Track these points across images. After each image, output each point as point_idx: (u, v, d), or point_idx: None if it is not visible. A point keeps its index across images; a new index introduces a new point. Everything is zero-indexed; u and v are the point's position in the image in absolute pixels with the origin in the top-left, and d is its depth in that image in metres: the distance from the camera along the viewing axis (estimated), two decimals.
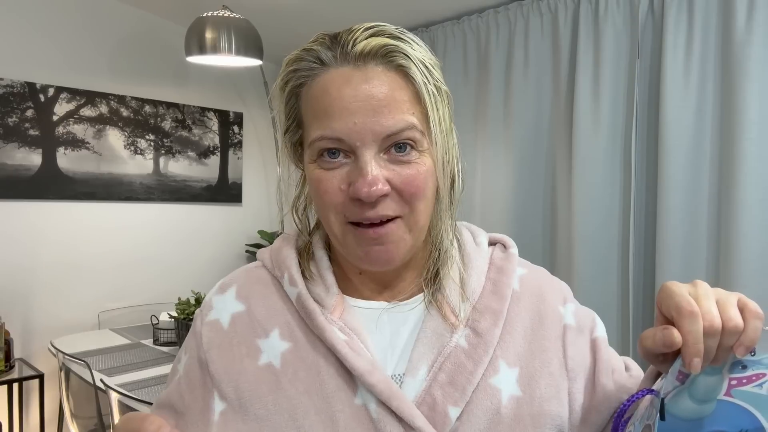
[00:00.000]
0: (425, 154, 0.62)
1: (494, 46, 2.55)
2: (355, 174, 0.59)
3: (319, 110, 0.60)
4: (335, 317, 0.65)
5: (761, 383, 0.53)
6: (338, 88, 0.60)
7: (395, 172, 0.60)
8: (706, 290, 0.52)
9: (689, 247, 1.99)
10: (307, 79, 0.62)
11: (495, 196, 2.56)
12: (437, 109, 0.62)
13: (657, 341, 0.52)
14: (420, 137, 0.61)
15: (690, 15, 1.97)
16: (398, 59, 0.60)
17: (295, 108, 0.64)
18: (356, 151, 0.59)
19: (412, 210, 0.61)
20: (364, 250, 0.62)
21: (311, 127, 0.62)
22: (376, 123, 0.58)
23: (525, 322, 0.67)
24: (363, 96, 0.59)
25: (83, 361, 2.15)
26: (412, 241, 0.63)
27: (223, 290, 0.72)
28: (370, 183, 0.58)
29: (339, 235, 0.63)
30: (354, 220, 0.61)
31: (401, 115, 0.59)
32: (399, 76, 0.61)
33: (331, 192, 0.60)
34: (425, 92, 0.61)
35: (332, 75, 0.61)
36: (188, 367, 0.68)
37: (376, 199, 0.59)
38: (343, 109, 0.59)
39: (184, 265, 3.33)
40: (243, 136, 3.59)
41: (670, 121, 2.00)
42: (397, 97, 0.60)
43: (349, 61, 0.60)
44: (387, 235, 0.61)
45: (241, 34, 2.43)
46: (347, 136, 0.59)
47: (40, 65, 2.85)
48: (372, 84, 0.59)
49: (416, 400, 0.61)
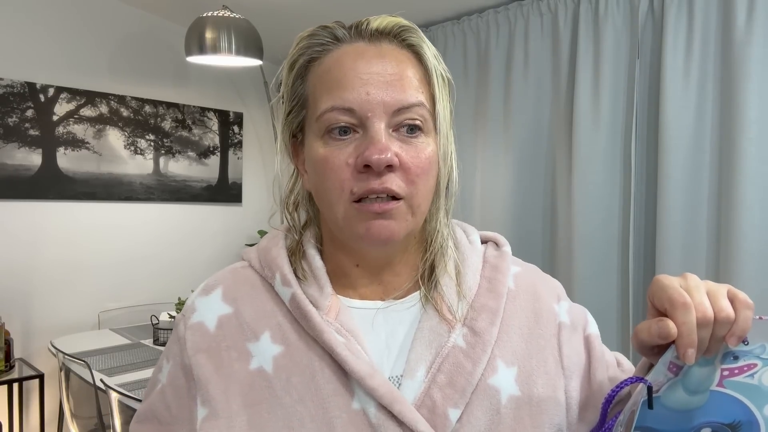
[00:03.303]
0: (431, 138, 0.62)
1: (494, 46, 2.55)
2: (364, 144, 0.59)
3: (330, 81, 0.61)
4: (331, 318, 0.63)
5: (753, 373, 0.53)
6: (353, 59, 0.60)
7: (404, 150, 0.60)
8: (697, 282, 0.53)
9: (689, 247, 1.99)
10: (320, 54, 0.63)
11: (495, 196, 2.56)
12: (443, 96, 0.63)
13: (652, 333, 0.52)
14: (428, 117, 0.62)
15: (690, 15, 1.97)
16: (412, 38, 0.63)
17: (301, 88, 0.64)
18: (366, 122, 0.59)
19: (416, 192, 0.61)
20: (367, 224, 0.60)
21: (320, 100, 0.61)
22: (388, 95, 0.59)
23: (521, 320, 0.67)
24: (376, 69, 0.60)
25: (83, 361, 2.15)
26: (413, 224, 0.62)
27: (207, 292, 0.69)
28: (381, 150, 0.58)
29: (341, 214, 0.61)
30: (359, 194, 0.59)
31: (412, 91, 0.60)
32: (411, 56, 0.63)
33: (337, 168, 0.60)
34: (435, 75, 0.62)
35: (346, 49, 0.62)
36: (172, 375, 0.66)
37: (383, 171, 0.58)
38: (355, 78, 0.59)
39: (184, 265, 3.33)
40: (243, 136, 3.59)
41: (670, 120, 2.00)
42: (409, 75, 0.61)
43: (364, 37, 0.62)
44: (391, 210, 0.60)
45: (241, 34, 2.43)
46: (359, 107, 0.59)
47: (40, 65, 2.85)
48: (385, 59, 0.61)
49: (415, 402, 0.60)
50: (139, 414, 0.68)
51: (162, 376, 0.67)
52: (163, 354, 0.70)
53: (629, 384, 0.55)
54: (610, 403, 0.57)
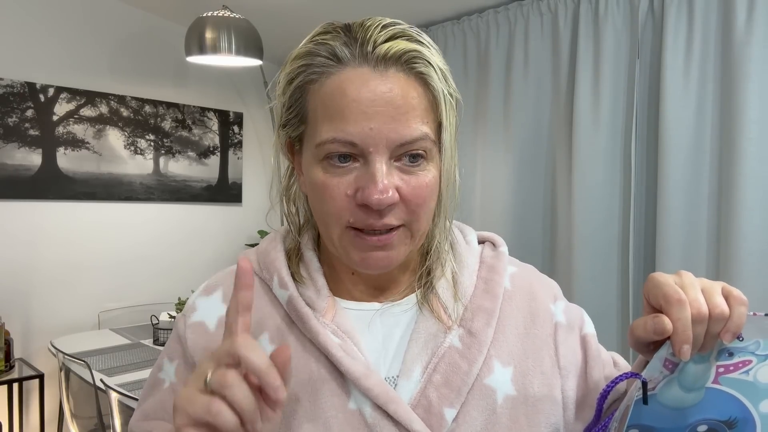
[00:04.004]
0: (433, 163, 0.61)
1: (494, 46, 2.55)
2: (364, 180, 0.57)
3: (333, 110, 0.57)
4: (327, 320, 0.64)
5: (748, 370, 0.54)
6: (356, 89, 0.57)
7: (404, 182, 0.58)
8: (691, 279, 0.54)
9: (689, 247, 1.99)
10: (320, 77, 0.59)
11: (495, 196, 2.56)
12: (450, 118, 0.61)
13: (648, 329, 0.52)
14: (431, 147, 0.60)
15: (690, 15, 1.97)
16: (420, 66, 0.59)
17: (300, 102, 0.61)
18: (368, 156, 0.57)
19: (416, 219, 0.60)
20: (363, 255, 0.60)
21: (321, 126, 0.58)
22: (392, 131, 0.57)
23: (517, 320, 0.67)
24: (381, 101, 0.56)
25: (83, 361, 2.15)
26: (412, 246, 0.62)
27: (209, 292, 0.70)
28: (382, 191, 0.56)
29: (337, 239, 0.61)
30: (357, 227, 0.59)
31: (417, 125, 0.58)
32: (418, 84, 0.59)
33: (336, 198, 0.58)
34: (443, 102, 0.60)
35: (349, 74, 0.58)
36: (180, 372, 0.66)
37: (384, 211, 0.58)
38: (360, 112, 0.56)
39: (184, 265, 3.33)
40: (243, 136, 3.59)
41: (670, 121, 1.99)
42: (415, 105, 0.58)
43: (369, 63, 0.58)
44: (390, 243, 0.60)
45: (241, 34, 2.43)
46: (361, 141, 0.56)
47: (40, 65, 2.85)
48: (392, 90, 0.57)
49: (411, 402, 0.60)
50: (147, 412, 0.68)
51: (166, 374, 0.68)
52: (163, 353, 0.70)
53: (624, 379, 0.56)
54: (605, 398, 0.58)
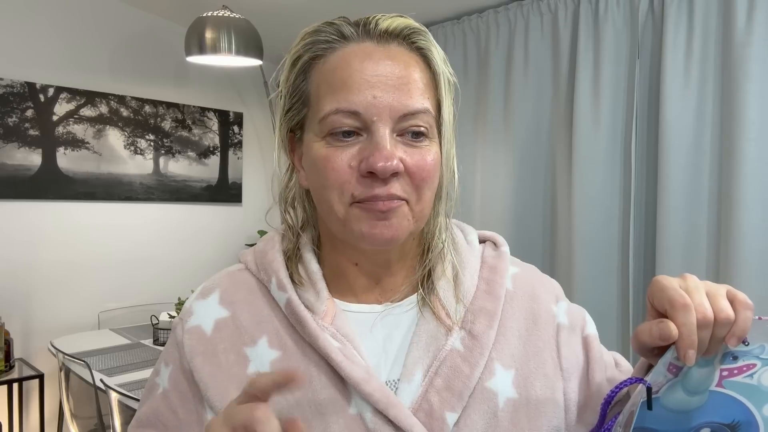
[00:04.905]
0: (434, 143, 0.61)
1: (494, 46, 2.55)
2: (369, 149, 0.57)
3: (336, 82, 0.59)
4: (327, 323, 0.62)
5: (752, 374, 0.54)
6: (360, 60, 0.59)
7: (408, 155, 0.59)
8: (696, 283, 0.53)
9: (689, 247, 1.99)
10: (324, 52, 0.61)
11: (495, 196, 2.56)
12: (448, 102, 0.62)
13: (653, 335, 0.52)
14: (433, 124, 0.61)
15: (690, 15, 1.97)
16: (421, 41, 0.61)
17: (304, 85, 0.62)
18: (371, 126, 0.58)
19: (419, 197, 0.60)
20: (369, 224, 0.59)
21: (324, 100, 0.59)
22: (395, 100, 0.58)
23: (519, 322, 0.66)
24: (384, 72, 0.58)
25: (83, 361, 2.15)
26: (414, 226, 0.62)
27: (205, 295, 0.69)
28: (387, 157, 0.56)
29: (341, 214, 0.59)
30: (361, 198, 0.58)
31: (419, 97, 0.59)
32: (419, 59, 0.61)
33: (339, 169, 0.58)
34: (442, 79, 0.61)
35: (353, 48, 0.60)
36: (175, 379, 0.65)
37: (389, 178, 0.57)
38: (363, 81, 0.58)
39: (184, 265, 3.33)
40: (243, 136, 3.59)
41: (670, 121, 1.99)
42: (417, 79, 0.60)
43: (372, 37, 0.60)
44: (394, 210, 0.59)
45: (241, 34, 2.43)
46: (365, 110, 0.57)
47: (40, 65, 2.85)
48: (394, 61, 0.59)
49: (412, 406, 0.60)
50: (141, 419, 0.67)
51: (161, 380, 0.67)
52: (161, 358, 0.69)
53: (628, 385, 0.56)
54: (609, 403, 0.57)
